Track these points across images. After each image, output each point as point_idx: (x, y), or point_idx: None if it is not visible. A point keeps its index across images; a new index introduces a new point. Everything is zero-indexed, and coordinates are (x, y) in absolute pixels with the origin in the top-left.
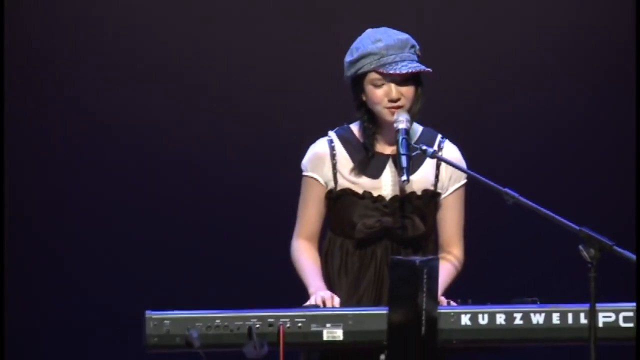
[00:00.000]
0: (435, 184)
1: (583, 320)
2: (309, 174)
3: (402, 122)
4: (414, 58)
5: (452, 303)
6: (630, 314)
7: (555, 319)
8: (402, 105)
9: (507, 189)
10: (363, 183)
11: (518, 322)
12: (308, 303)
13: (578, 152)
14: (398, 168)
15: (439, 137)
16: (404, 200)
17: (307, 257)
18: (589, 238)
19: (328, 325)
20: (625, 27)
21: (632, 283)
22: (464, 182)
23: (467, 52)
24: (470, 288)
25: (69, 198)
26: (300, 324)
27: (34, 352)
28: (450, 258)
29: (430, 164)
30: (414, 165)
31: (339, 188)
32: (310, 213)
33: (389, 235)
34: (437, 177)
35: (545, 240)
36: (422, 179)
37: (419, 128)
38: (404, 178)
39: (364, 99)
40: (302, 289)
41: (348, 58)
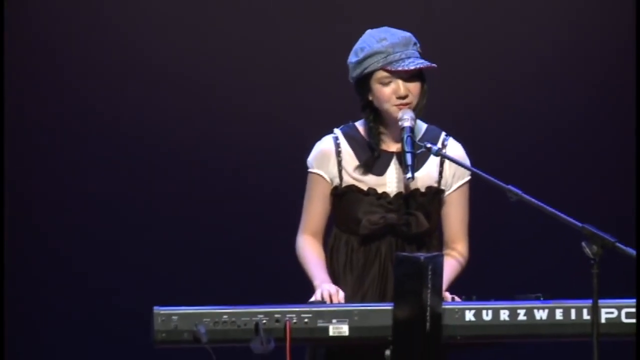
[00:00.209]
0: (439, 181)
1: (586, 316)
2: (315, 171)
3: (406, 120)
4: (418, 55)
5: (456, 299)
6: (633, 310)
7: (559, 315)
8: (410, 102)
9: (510, 186)
10: (368, 180)
11: (522, 318)
12: (314, 297)
13: (578, 152)
14: (402, 165)
15: (443, 134)
16: (408, 197)
17: (311, 251)
18: (592, 235)
19: (334, 321)
20: (626, 27)
21: (634, 280)
22: (468, 179)
23: (467, 52)
24: (474, 284)
25: (73, 196)
26: (307, 320)
27: (40, 350)
28: (455, 254)
29: (434, 162)
30: (418, 163)
31: (344, 185)
32: (315, 209)
33: (394, 232)
34: (440, 174)
35: (548, 238)
36: (426, 176)
37: (423, 126)
38: (409, 175)
39: (370, 99)
40: (308, 285)
41: (353, 59)
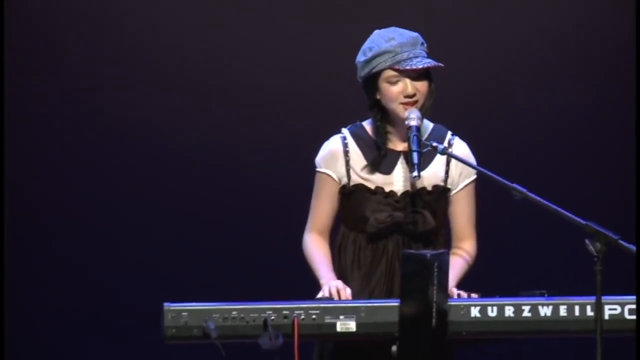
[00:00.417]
0: (445, 180)
1: (589, 313)
2: (323, 170)
3: (413, 119)
4: (425, 54)
5: (463, 295)
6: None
7: (563, 312)
8: (417, 101)
9: (515, 185)
10: (375, 179)
11: (526, 314)
12: (321, 293)
13: (578, 152)
14: (409, 164)
15: (449, 134)
16: (415, 196)
17: (318, 249)
18: (596, 232)
19: (341, 317)
20: (626, 27)
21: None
22: (474, 177)
23: (467, 52)
24: (480, 282)
25: (73, 196)
26: (315, 316)
27: (40, 350)
28: (463, 252)
29: (441, 161)
30: (425, 162)
31: (352, 184)
32: (323, 208)
33: (400, 230)
34: (447, 173)
35: (552, 236)
36: (432, 175)
37: (430, 125)
38: (415, 174)
39: (378, 97)
40: (315, 282)
41: (361, 58)
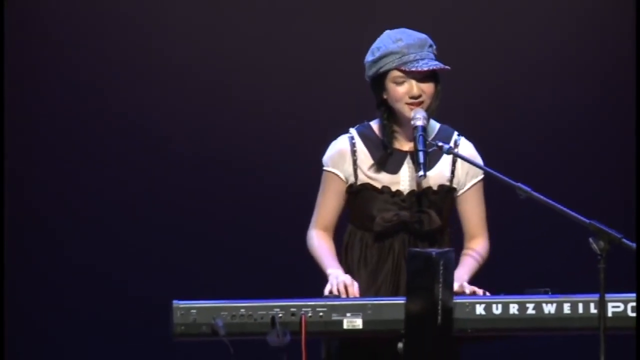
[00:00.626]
0: (451, 180)
1: (593, 310)
2: (330, 169)
3: (419, 119)
4: (433, 57)
5: (478, 292)
6: None
7: (567, 309)
8: (422, 102)
9: (520, 184)
10: (382, 178)
11: (531, 311)
12: (328, 286)
13: (578, 152)
14: (415, 164)
15: (456, 134)
16: (421, 195)
17: (322, 242)
18: (599, 231)
19: (348, 315)
20: (626, 27)
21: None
22: (482, 177)
23: (466, 52)
24: (485, 279)
25: (74, 195)
26: (322, 314)
27: (40, 350)
28: (474, 250)
29: (447, 160)
30: (431, 162)
31: (359, 183)
32: (328, 205)
33: (406, 229)
34: (452, 173)
35: (555, 234)
36: (438, 175)
37: (436, 125)
38: (421, 173)
39: (385, 97)
40: (322, 280)
41: (369, 58)
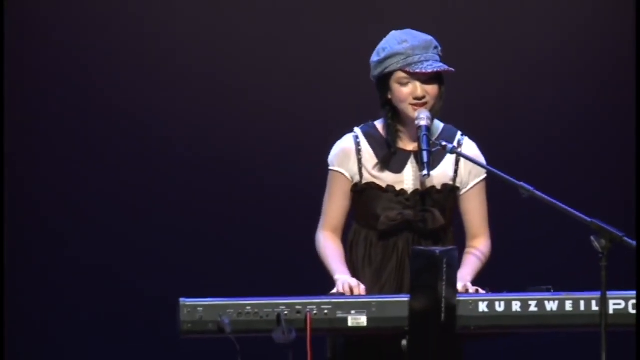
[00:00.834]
0: (454, 179)
1: (594, 308)
2: (336, 169)
3: (423, 119)
4: (437, 58)
5: (480, 291)
6: None
7: (568, 306)
8: (426, 103)
9: (522, 183)
10: (386, 177)
11: (533, 309)
12: (335, 290)
13: (578, 152)
14: (419, 163)
15: (459, 134)
16: (425, 194)
17: (331, 246)
18: (601, 229)
19: (353, 312)
20: (626, 27)
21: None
22: (484, 176)
23: (466, 53)
24: (488, 277)
25: (74, 195)
26: (327, 311)
27: (40, 350)
28: (477, 249)
29: (450, 160)
30: (435, 161)
31: (364, 182)
32: (335, 206)
33: (410, 228)
34: (456, 172)
35: (557, 233)
36: (442, 174)
37: (440, 125)
38: (425, 173)
39: (389, 97)
40: (327, 278)
41: (374, 58)
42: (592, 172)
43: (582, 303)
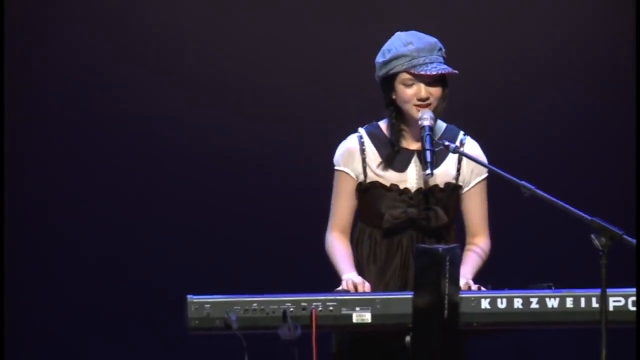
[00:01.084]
0: (457, 178)
1: (595, 305)
2: (341, 169)
3: (426, 119)
4: (442, 60)
5: (482, 288)
6: None
7: (569, 303)
8: (430, 104)
9: (524, 182)
10: (390, 176)
11: (534, 306)
12: (340, 287)
13: (578, 152)
14: (422, 162)
15: (461, 133)
16: (428, 193)
17: (340, 248)
18: (601, 228)
19: (357, 309)
20: (626, 27)
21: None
22: (486, 175)
23: (466, 53)
24: (491, 275)
25: (83, 192)
26: (332, 308)
27: (40, 350)
28: (477, 247)
29: (453, 159)
30: (438, 160)
31: (368, 181)
32: (343, 206)
33: (414, 226)
34: (458, 171)
35: (558, 232)
36: (444, 173)
37: (443, 125)
38: (428, 172)
39: (394, 97)
40: (333, 275)
41: (380, 59)
42: (592, 172)
43: (582, 300)
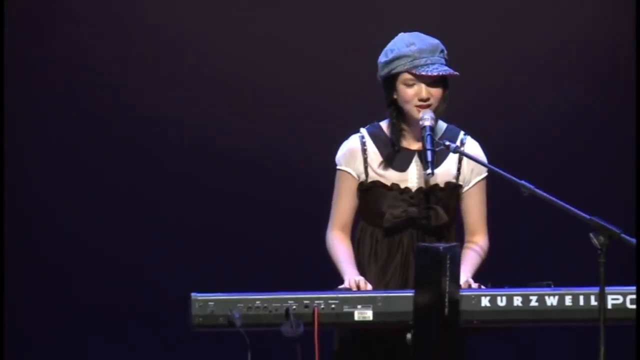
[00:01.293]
0: (457, 177)
1: (593, 303)
2: (343, 168)
3: (427, 119)
4: (443, 62)
5: (482, 287)
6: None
7: (568, 301)
8: (430, 104)
9: (523, 182)
10: (391, 176)
11: (534, 304)
12: (342, 286)
13: (578, 152)
14: (423, 162)
15: (462, 133)
16: (429, 192)
17: (341, 247)
18: (599, 226)
19: (359, 307)
20: (626, 28)
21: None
22: (485, 175)
23: (466, 53)
24: (490, 273)
25: (88, 190)
26: (334, 306)
27: (40, 350)
28: (476, 245)
29: (453, 159)
30: (438, 160)
31: (370, 180)
32: (344, 205)
33: (415, 225)
34: (459, 170)
35: (557, 231)
36: (445, 173)
37: (444, 125)
38: (429, 171)
39: (395, 97)
40: (335, 274)
41: (382, 59)
42: (592, 172)
43: (581, 298)
